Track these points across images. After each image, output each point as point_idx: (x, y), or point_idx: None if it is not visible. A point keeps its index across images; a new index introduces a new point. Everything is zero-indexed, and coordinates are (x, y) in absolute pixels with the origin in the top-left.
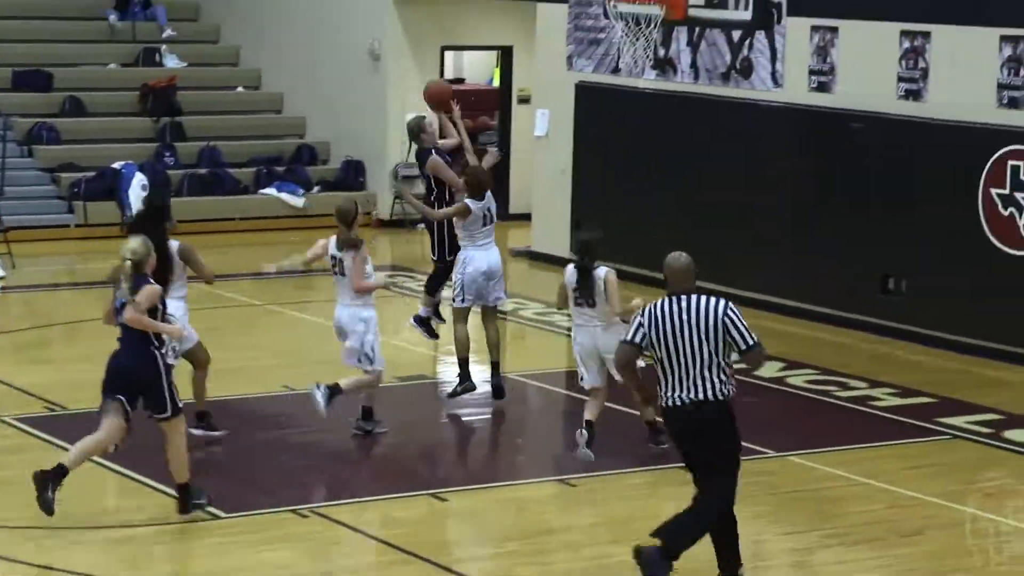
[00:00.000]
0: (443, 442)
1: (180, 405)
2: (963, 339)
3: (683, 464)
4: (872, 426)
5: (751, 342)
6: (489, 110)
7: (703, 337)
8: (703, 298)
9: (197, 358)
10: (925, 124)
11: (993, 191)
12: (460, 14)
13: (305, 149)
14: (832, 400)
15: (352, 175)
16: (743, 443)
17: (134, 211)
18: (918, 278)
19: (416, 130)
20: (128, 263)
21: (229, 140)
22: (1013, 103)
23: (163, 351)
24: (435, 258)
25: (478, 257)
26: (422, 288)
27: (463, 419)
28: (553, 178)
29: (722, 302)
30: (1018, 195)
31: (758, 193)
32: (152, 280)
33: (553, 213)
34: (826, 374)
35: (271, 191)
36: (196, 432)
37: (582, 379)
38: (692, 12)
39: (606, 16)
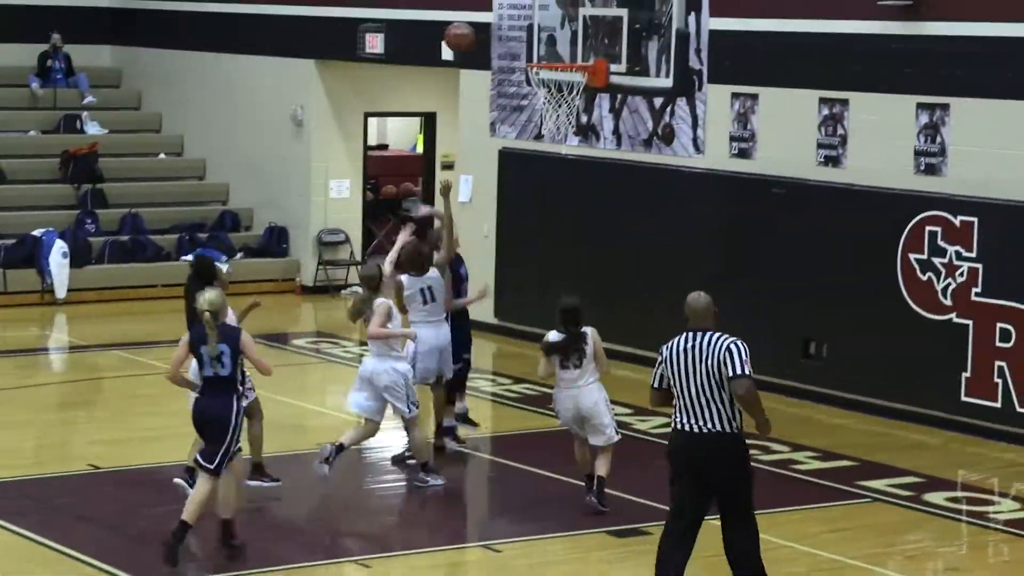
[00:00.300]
0: (365, 509)
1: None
2: (883, 403)
3: (678, 497)
4: (794, 489)
5: (740, 371)
6: (413, 176)
7: (711, 369)
8: (716, 334)
9: (256, 411)
10: (844, 190)
11: (911, 256)
12: (383, 80)
13: (228, 215)
14: (754, 464)
15: (275, 241)
16: (665, 506)
17: (54, 280)
18: (839, 343)
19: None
20: (207, 314)
21: (151, 207)
22: (930, 169)
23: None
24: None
25: (426, 334)
26: (350, 356)
27: (386, 486)
28: (477, 243)
29: (730, 338)
30: (936, 260)
31: (680, 258)
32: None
33: (477, 278)
34: (748, 438)
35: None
36: (252, 484)
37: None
38: (614, 80)
39: (528, 83)
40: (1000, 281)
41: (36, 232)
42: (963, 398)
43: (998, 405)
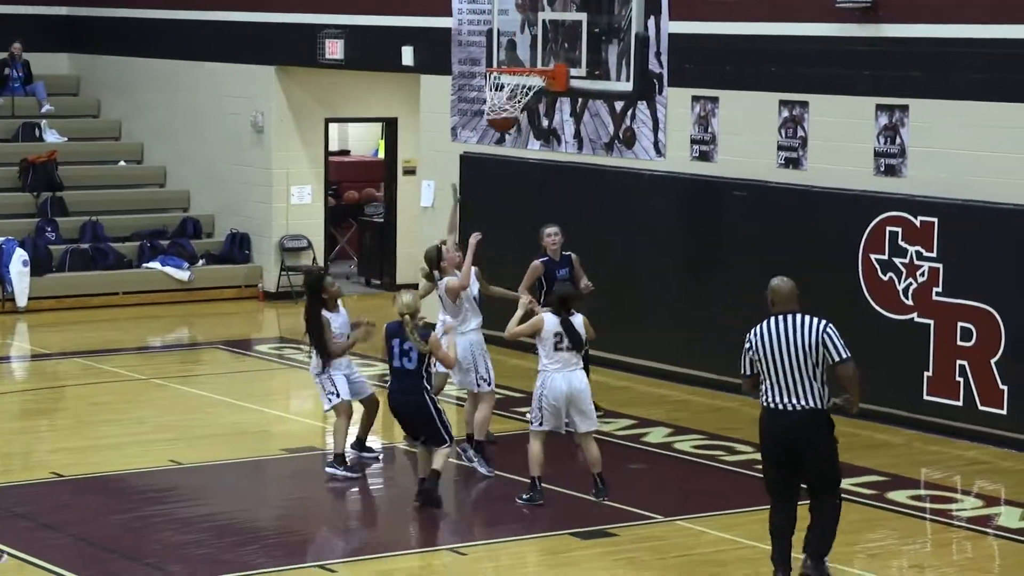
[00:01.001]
0: (332, 513)
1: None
2: None
3: (772, 475)
4: (759, 490)
5: (844, 355)
6: (375, 182)
7: (807, 350)
8: (805, 316)
9: (373, 401)
10: (805, 192)
11: (872, 256)
12: (344, 86)
13: (189, 222)
14: (719, 464)
15: (237, 248)
16: (630, 508)
17: (15, 288)
18: None
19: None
20: (407, 316)
21: (112, 214)
22: (890, 171)
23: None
24: None
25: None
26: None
27: (352, 490)
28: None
29: (822, 321)
30: (897, 260)
31: (642, 260)
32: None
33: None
34: (713, 439)
35: (155, 265)
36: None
37: (539, 424)
38: (574, 84)
39: (489, 88)
40: (961, 281)
41: None
42: (925, 397)
43: (960, 404)
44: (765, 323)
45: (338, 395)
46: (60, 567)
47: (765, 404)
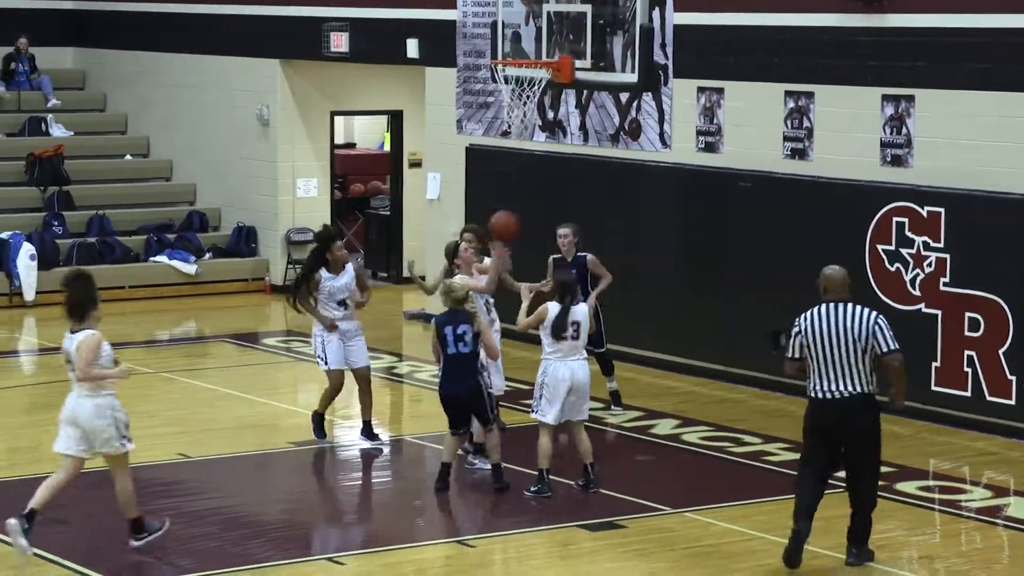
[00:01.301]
0: (340, 506)
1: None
2: None
3: (812, 453)
4: (767, 481)
5: (893, 347)
6: (380, 174)
7: (857, 338)
8: (856, 306)
9: (364, 378)
10: (811, 183)
11: (879, 247)
12: (349, 79)
13: (196, 216)
14: (727, 456)
15: (244, 241)
16: (639, 500)
17: (22, 282)
18: None
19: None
20: (463, 295)
21: (118, 208)
22: (896, 161)
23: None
24: None
25: None
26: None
27: (359, 483)
28: (446, 240)
29: (873, 311)
30: (904, 251)
31: (648, 252)
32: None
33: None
34: (720, 430)
35: (162, 259)
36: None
37: (541, 413)
38: (579, 75)
39: (494, 80)
40: (968, 271)
41: (3, 235)
42: (933, 387)
43: (968, 394)
44: (816, 309)
45: (327, 362)
46: (69, 561)
47: (813, 394)
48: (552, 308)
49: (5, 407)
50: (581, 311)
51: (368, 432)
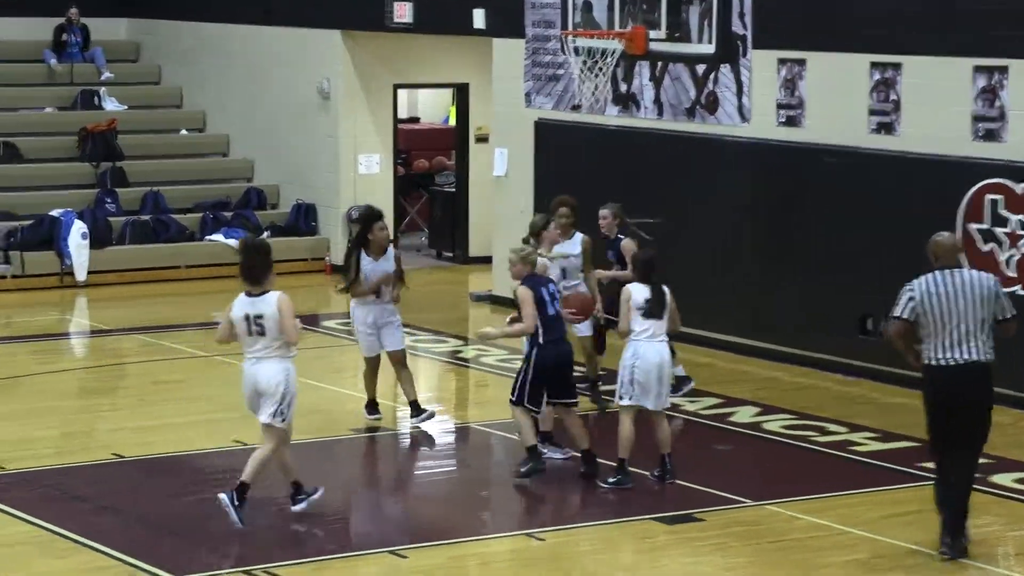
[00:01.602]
0: (403, 497)
1: None
2: None
3: (942, 427)
4: (852, 472)
5: (1013, 313)
6: (445, 150)
7: (977, 304)
8: (972, 271)
9: (398, 362)
10: (899, 158)
11: (972, 226)
12: (413, 51)
13: (253, 193)
14: (810, 446)
15: (303, 219)
16: (718, 491)
17: (73, 262)
18: None
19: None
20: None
21: (173, 185)
22: (989, 135)
23: None
24: None
25: None
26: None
27: (424, 473)
28: (513, 219)
29: (991, 275)
30: (998, 230)
31: (727, 231)
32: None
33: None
34: (803, 419)
35: (218, 237)
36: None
37: (631, 397)
38: (653, 47)
39: (564, 51)
40: None
41: (54, 212)
42: None
43: None
44: (931, 276)
45: (363, 350)
46: (117, 550)
47: (928, 361)
48: (636, 288)
49: (57, 391)
50: (667, 290)
51: (416, 411)
